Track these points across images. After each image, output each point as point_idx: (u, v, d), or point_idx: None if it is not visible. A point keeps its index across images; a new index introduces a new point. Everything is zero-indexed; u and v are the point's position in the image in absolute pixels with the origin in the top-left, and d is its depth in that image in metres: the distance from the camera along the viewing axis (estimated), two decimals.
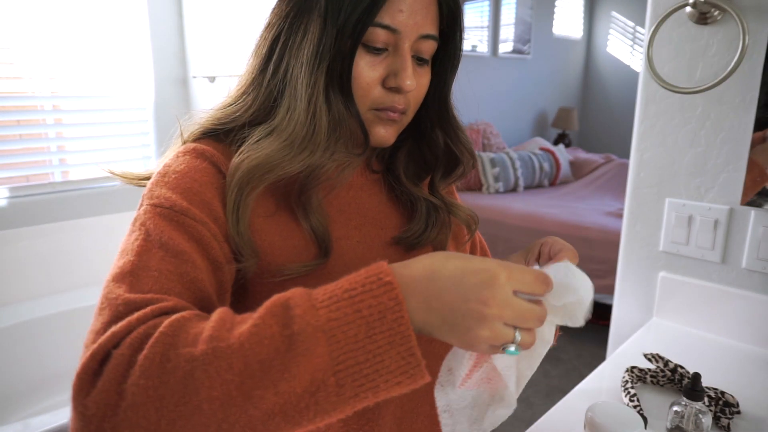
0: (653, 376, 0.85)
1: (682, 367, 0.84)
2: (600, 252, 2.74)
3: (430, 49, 0.61)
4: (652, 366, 0.86)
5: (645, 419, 0.74)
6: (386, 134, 0.62)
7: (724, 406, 0.78)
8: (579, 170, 4.32)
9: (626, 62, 5.31)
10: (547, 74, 5.12)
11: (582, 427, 0.59)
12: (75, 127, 1.97)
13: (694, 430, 0.67)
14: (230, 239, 0.54)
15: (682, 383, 0.83)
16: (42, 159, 1.90)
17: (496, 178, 3.75)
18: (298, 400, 0.39)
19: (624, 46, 5.32)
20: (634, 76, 4.88)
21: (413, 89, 0.59)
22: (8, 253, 1.77)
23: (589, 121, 5.62)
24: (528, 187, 3.92)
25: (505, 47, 4.56)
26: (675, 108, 1.04)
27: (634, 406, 0.76)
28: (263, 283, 0.56)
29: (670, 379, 0.84)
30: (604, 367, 0.94)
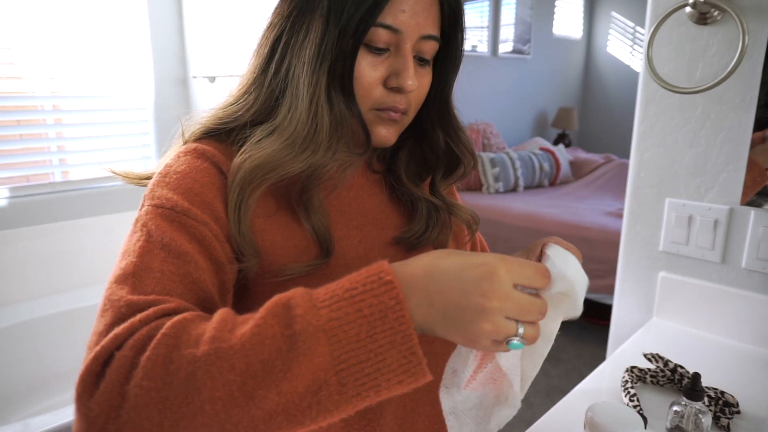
0: (653, 376, 0.85)
1: (682, 367, 0.84)
2: (600, 252, 2.75)
3: (432, 49, 0.61)
4: (652, 366, 0.86)
5: (645, 419, 0.74)
6: (387, 134, 0.62)
7: (724, 406, 0.78)
8: (579, 170, 4.32)
9: (626, 62, 5.31)
10: (547, 74, 5.13)
11: (582, 427, 0.59)
12: (75, 127, 1.97)
13: (694, 430, 0.67)
14: (232, 239, 0.54)
15: (682, 383, 0.83)
16: (42, 159, 1.90)
17: (496, 178, 3.75)
18: (300, 399, 0.39)
19: (624, 46, 5.32)
20: (634, 76, 4.88)
21: (415, 89, 0.59)
22: (8, 253, 1.77)
23: (589, 121, 5.62)
24: (528, 187, 3.92)
25: (505, 47, 4.56)
26: (675, 108, 1.04)
27: (634, 406, 0.76)
28: (264, 283, 0.56)
29: (670, 379, 0.84)
30: (604, 367, 0.94)
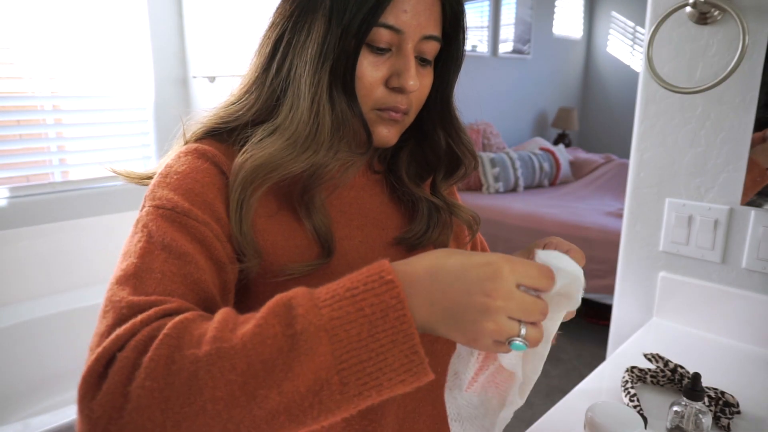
0: (653, 376, 0.85)
1: (682, 367, 0.84)
2: (600, 252, 2.74)
3: (433, 50, 0.61)
4: (652, 366, 0.86)
5: (645, 419, 0.74)
6: (389, 134, 0.62)
7: (724, 406, 0.78)
8: (579, 170, 4.32)
9: (626, 62, 5.31)
10: (547, 74, 5.12)
11: (582, 427, 0.59)
12: (75, 127, 1.97)
13: (694, 430, 0.67)
14: (233, 239, 0.54)
15: (682, 383, 0.83)
16: (42, 159, 1.90)
17: (496, 178, 3.75)
18: (302, 399, 0.39)
19: (624, 46, 5.32)
20: (634, 76, 4.88)
21: (416, 89, 0.59)
22: (8, 253, 1.77)
23: (589, 121, 5.62)
24: (528, 187, 3.92)
25: (505, 47, 4.56)
26: (675, 108, 1.04)
27: (634, 406, 0.76)
28: (266, 283, 0.56)
29: (670, 379, 0.84)
30: (604, 367, 0.94)
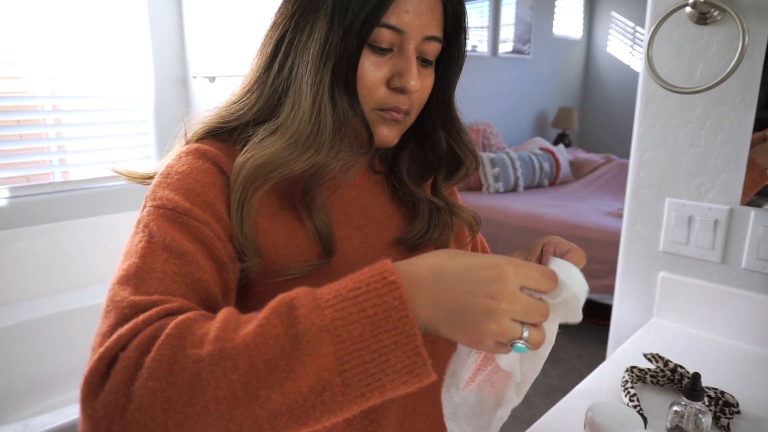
0: (653, 376, 0.85)
1: (682, 367, 0.84)
2: (600, 252, 2.74)
3: (435, 50, 0.61)
4: (652, 366, 0.86)
5: (645, 419, 0.74)
6: (390, 134, 0.62)
7: (724, 406, 0.78)
8: (579, 170, 4.32)
9: (626, 62, 5.31)
10: (547, 74, 5.13)
11: (582, 427, 0.59)
12: (75, 127, 1.97)
13: (694, 430, 0.67)
14: (234, 239, 0.54)
15: (682, 383, 0.83)
16: (42, 159, 1.90)
17: (496, 178, 3.75)
18: (304, 399, 0.39)
19: (624, 46, 5.32)
20: (634, 76, 4.88)
21: (418, 90, 0.59)
22: (8, 253, 1.77)
23: (589, 121, 5.62)
24: (528, 187, 3.92)
25: (505, 47, 4.56)
26: (675, 108, 1.04)
27: (634, 406, 0.76)
28: (266, 283, 0.56)
29: (670, 379, 0.84)
30: (604, 367, 0.94)
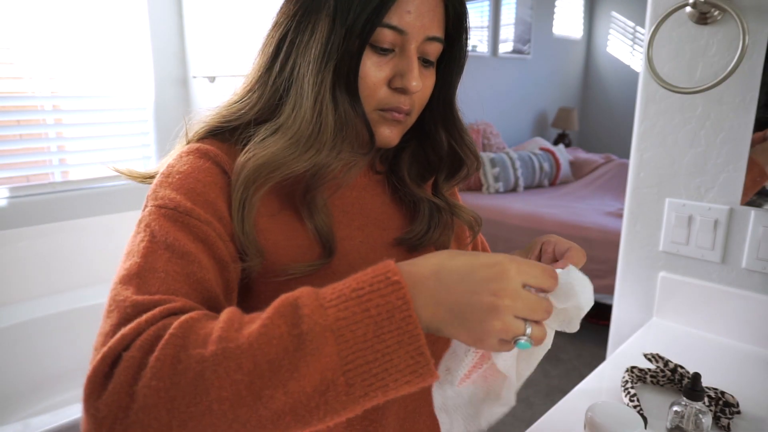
0: (653, 376, 0.85)
1: (682, 367, 0.84)
2: (600, 252, 2.75)
3: (436, 51, 0.61)
4: (652, 366, 0.86)
5: (645, 419, 0.74)
6: (391, 135, 0.62)
7: (724, 406, 0.78)
8: (579, 170, 4.32)
9: (626, 62, 5.31)
10: (547, 74, 5.12)
11: (582, 427, 0.59)
12: (75, 127, 1.97)
13: (694, 430, 0.67)
14: (235, 239, 0.54)
15: (682, 383, 0.83)
16: (42, 159, 1.90)
17: (496, 178, 3.75)
18: (307, 399, 0.39)
19: (624, 46, 5.32)
20: (634, 76, 4.88)
21: (419, 90, 0.59)
22: (8, 253, 1.77)
23: (589, 121, 5.62)
24: (528, 187, 3.92)
25: (505, 47, 4.56)
26: (675, 108, 1.04)
27: (634, 406, 0.76)
28: (267, 283, 0.56)
29: (670, 379, 0.84)
30: (604, 367, 0.94)
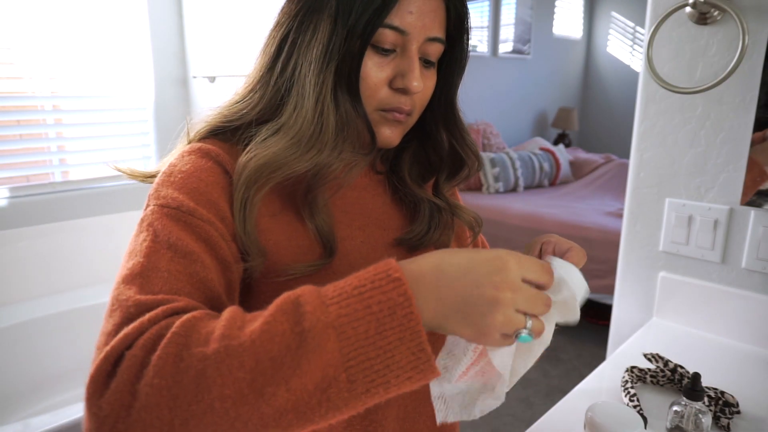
0: (653, 376, 0.85)
1: (682, 367, 0.84)
2: (600, 252, 2.75)
3: (437, 51, 0.61)
4: (652, 366, 0.86)
5: (645, 419, 0.74)
6: (392, 135, 0.62)
7: (724, 406, 0.78)
8: (579, 170, 4.32)
9: (626, 62, 5.31)
10: (547, 74, 5.13)
11: (582, 427, 0.59)
12: (75, 127, 1.97)
13: (694, 430, 0.67)
14: (237, 238, 0.55)
15: (682, 383, 0.83)
16: (42, 159, 1.90)
17: (496, 178, 3.75)
18: (309, 396, 0.39)
19: (624, 46, 5.32)
20: (634, 76, 4.88)
21: (420, 91, 0.59)
22: (8, 253, 1.77)
23: (589, 121, 5.62)
24: (528, 187, 3.92)
25: (505, 47, 4.56)
26: (675, 108, 1.04)
27: (634, 406, 0.76)
28: (268, 283, 0.56)
29: (670, 379, 0.84)
30: (604, 367, 0.94)
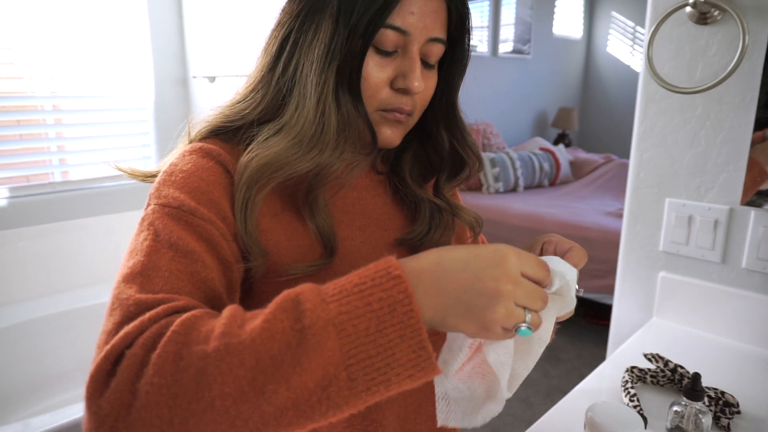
0: (653, 376, 0.85)
1: (682, 367, 0.84)
2: (600, 252, 2.74)
3: (438, 52, 0.61)
4: (652, 366, 0.86)
5: (645, 419, 0.74)
6: (392, 135, 0.62)
7: (724, 406, 0.78)
8: (579, 170, 4.32)
9: (626, 62, 5.31)
10: (547, 74, 5.12)
11: (582, 427, 0.59)
12: (75, 127, 1.97)
13: (694, 430, 0.67)
14: (238, 238, 0.54)
15: (682, 383, 0.83)
16: (42, 159, 1.90)
17: (496, 178, 3.75)
18: (310, 394, 0.39)
19: (624, 46, 5.32)
20: (634, 76, 4.88)
21: (421, 91, 0.59)
22: (8, 253, 1.77)
23: (589, 121, 5.62)
24: (528, 187, 3.92)
25: (505, 47, 4.56)
26: (675, 108, 1.04)
27: (634, 406, 0.76)
28: (269, 283, 0.56)
29: (670, 379, 0.84)
30: (604, 367, 0.94)
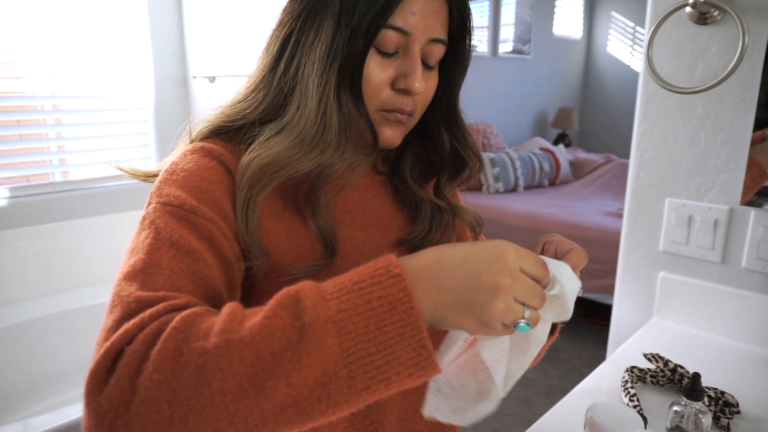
0: (653, 376, 0.85)
1: (682, 367, 0.84)
2: (600, 252, 2.75)
3: (439, 53, 0.61)
4: (652, 366, 0.86)
5: (645, 419, 0.74)
6: (393, 135, 0.62)
7: (724, 406, 0.78)
8: (579, 170, 4.32)
9: (626, 62, 5.31)
10: (547, 74, 5.13)
11: (582, 427, 0.59)
12: (75, 127, 1.97)
13: (694, 430, 0.67)
14: (240, 238, 0.55)
15: (682, 383, 0.83)
16: (42, 159, 1.90)
17: (496, 178, 3.75)
18: (309, 392, 0.39)
19: (624, 46, 5.32)
20: (634, 76, 4.88)
21: (422, 91, 0.59)
22: (8, 253, 1.77)
23: (589, 121, 5.62)
24: (528, 187, 3.92)
25: (505, 47, 4.56)
26: (675, 108, 1.04)
27: (634, 406, 0.76)
28: (269, 282, 0.56)
29: (670, 379, 0.84)
30: (604, 367, 0.94)
